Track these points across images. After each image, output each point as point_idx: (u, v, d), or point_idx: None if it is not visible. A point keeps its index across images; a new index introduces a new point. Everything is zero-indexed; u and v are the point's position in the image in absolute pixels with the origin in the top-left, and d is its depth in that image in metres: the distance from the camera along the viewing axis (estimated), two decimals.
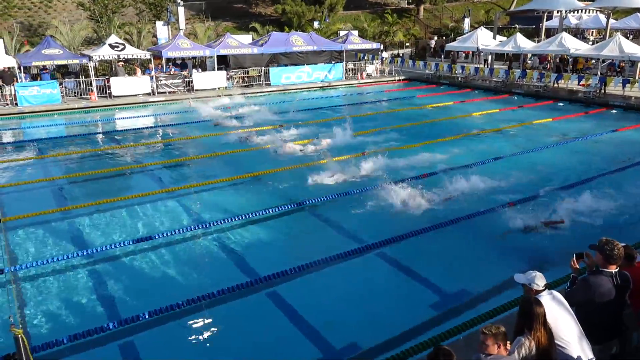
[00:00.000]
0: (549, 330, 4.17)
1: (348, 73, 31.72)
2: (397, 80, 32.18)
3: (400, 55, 38.73)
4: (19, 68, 22.93)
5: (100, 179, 12.95)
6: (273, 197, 11.38)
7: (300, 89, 29.11)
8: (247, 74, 28.79)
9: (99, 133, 18.17)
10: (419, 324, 6.76)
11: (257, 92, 27.77)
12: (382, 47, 35.08)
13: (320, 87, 29.86)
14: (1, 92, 22.55)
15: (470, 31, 35.94)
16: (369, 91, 28.80)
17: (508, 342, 4.04)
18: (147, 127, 19.24)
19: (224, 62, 28.25)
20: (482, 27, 33.37)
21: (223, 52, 27.29)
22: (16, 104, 22.24)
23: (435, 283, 7.78)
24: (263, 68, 28.73)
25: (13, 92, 22.29)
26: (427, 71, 31.02)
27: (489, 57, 32.58)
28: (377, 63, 32.78)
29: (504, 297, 6.97)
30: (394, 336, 6.48)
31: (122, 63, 26.91)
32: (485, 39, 31.20)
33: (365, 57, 32.16)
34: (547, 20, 36.03)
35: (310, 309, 7.11)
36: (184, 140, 17.04)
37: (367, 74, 32.45)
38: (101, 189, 12.15)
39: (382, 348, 6.18)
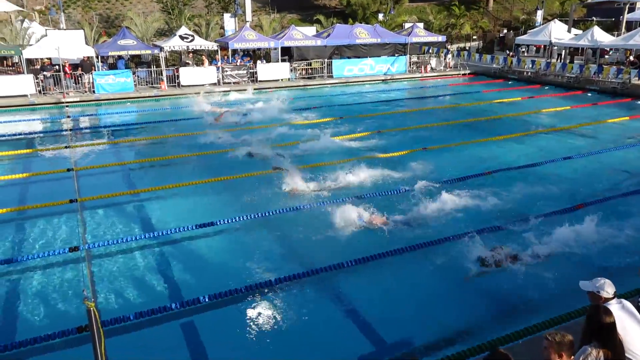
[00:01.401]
0: (618, 340, 3.95)
1: (411, 66, 31.20)
2: (462, 74, 31.31)
3: (467, 48, 37.61)
4: (97, 57, 24.25)
5: (168, 165, 13.48)
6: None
7: (362, 81, 28.97)
8: (310, 65, 28.96)
9: (168, 121, 18.89)
10: (477, 326, 6.59)
11: (319, 84, 27.92)
12: (447, 40, 34.21)
13: (383, 80, 29.57)
14: (81, 80, 23.95)
15: (542, 24, 34.30)
16: (432, 85, 28.23)
17: (573, 351, 3.86)
18: (213, 115, 19.77)
19: (287, 53, 28.58)
20: (556, 19, 31.76)
21: (287, 44, 27.60)
22: (93, 91, 23.57)
23: (499, 284, 7.51)
24: (326, 60, 28.80)
25: (91, 81, 23.63)
26: (494, 65, 29.95)
27: (563, 51, 31.00)
28: (445, 56, 31.99)
29: (570, 305, 6.66)
30: (450, 336, 6.37)
31: (191, 54, 27.86)
32: (558, 32, 29.68)
33: (430, 50, 31.49)
34: (628, 12, 33.71)
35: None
36: (246, 129, 17.41)
37: (431, 68, 31.79)
38: (169, 174, 12.63)
39: (438, 347, 6.09)
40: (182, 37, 25.62)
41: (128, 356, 5.97)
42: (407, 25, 33.90)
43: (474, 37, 41.42)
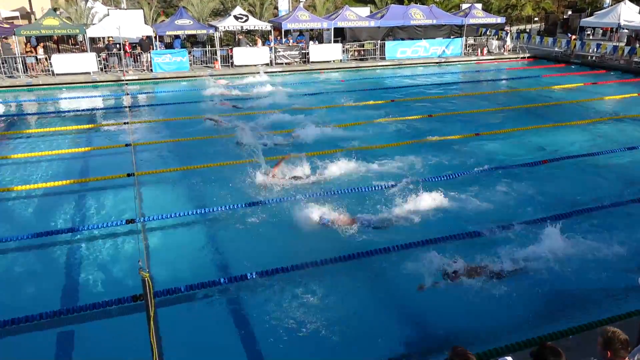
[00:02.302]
0: None
1: (467, 49, 30.26)
2: (522, 57, 30.08)
3: (527, 30, 36.03)
4: (155, 37, 24.92)
5: (220, 143, 13.73)
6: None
7: (416, 64, 28.39)
8: (363, 47, 28.63)
9: (220, 99, 19.23)
10: (526, 319, 6.43)
11: (371, 66, 27.60)
12: (507, 22, 32.87)
13: (437, 62, 28.86)
14: (139, 58, 24.72)
15: (611, 5, 32.31)
16: (488, 68, 27.30)
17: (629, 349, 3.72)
18: (265, 96, 19.96)
19: (340, 34, 28.34)
20: (626, 0, 29.82)
21: (340, 24, 27.36)
22: (151, 70, 24.30)
23: (554, 278, 7.26)
24: (379, 41, 28.38)
25: (149, 59, 24.35)
26: (556, 49, 28.58)
27: (633, 34, 29.14)
28: (503, 39, 30.81)
29: (627, 303, 6.39)
30: (497, 329, 6.27)
31: (243, 34, 28.13)
32: (628, 14, 27.88)
33: (488, 32, 30.40)
34: None
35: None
36: (295, 109, 17.49)
37: (488, 51, 30.71)
38: (219, 152, 12.90)
39: (485, 339, 5.99)
40: (236, 17, 25.89)
41: (177, 326, 6.23)
42: (464, 5, 32.78)
43: (536, 18, 39.57)
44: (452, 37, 29.90)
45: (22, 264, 7.79)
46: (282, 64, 26.51)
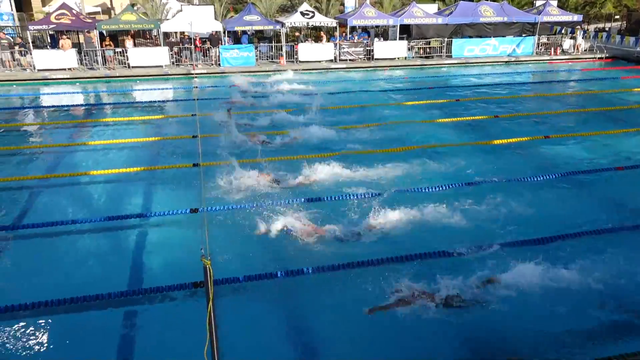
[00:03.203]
0: None
1: (539, 48, 28.99)
2: (599, 57, 28.45)
3: (607, 29, 33.99)
4: (224, 32, 25.66)
5: (281, 137, 13.97)
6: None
7: (483, 62, 27.56)
8: (429, 44, 28.12)
9: (283, 94, 19.53)
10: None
11: (436, 64, 27.07)
12: (584, 20, 31.16)
13: (506, 61, 27.86)
14: (208, 53, 25.56)
15: None
16: (562, 69, 26.06)
17: None
18: (334, 93, 20.05)
19: (406, 31, 27.98)
20: None
21: (407, 21, 27.00)
22: (219, 64, 25.07)
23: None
24: (446, 39, 27.77)
25: (217, 54, 25.13)
26: (638, 49, 26.79)
27: None
28: (579, 38, 29.27)
29: None
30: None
31: (298, 31, 28.37)
32: None
33: (563, 31, 28.96)
34: None
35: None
36: (355, 107, 17.48)
37: (563, 50, 29.28)
38: (277, 147, 13.14)
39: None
40: (303, 14, 26.17)
41: (234, 315, 6.42)
42: (538, 2, 31.40)
43: (617, 16, 37.24)
44: (523, 35, 28.75)
45: (94, 245, 8.29)
46: (346, 60, 26.54)
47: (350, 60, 26.64)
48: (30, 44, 23.80)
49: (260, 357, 5.89)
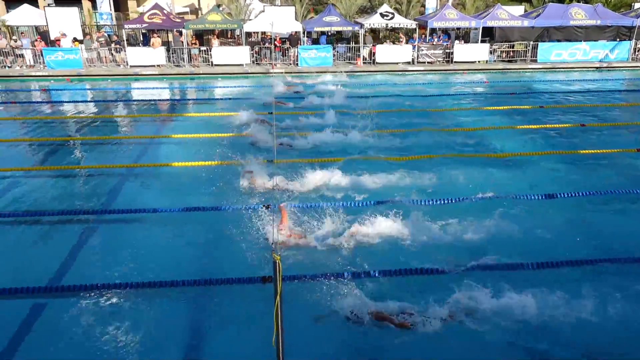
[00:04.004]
0: None
1: (636, 53, 26.97)
2: None
3: None
4: (303, 32, 26.10)
5: (356, 137, 13.96)
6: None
7: (571, 68, 26.08)
8: (512, 47, 27.04)
9: (355, 97, 19.57)
10: None
11: (520, 68, 25.96)
12: None
13: (597, 67, 26.18)
14: (287, 53, 26.12)
15: None
16: None
17: None
18: (408, 95, 19.88)
19: (489, 34, 27.08)
20: None
21: (490, 23, 26.13)
22: (297, 64, 25.54)
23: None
24: (531, 42, 26.56)
25: (296, 54, 25.62)
26: None
27: None
28: None
29: None
30: None
31: (367, 32, 28.19)
32: None
33: None
34: None
35: None
36: (427, 110, 17.17)
37: None
38: (358, 146, 13.16)
39: None
40: (382, 15, 26.05)
41: (300, 312, 6.48)
42: (637, 5, 29.25)
43: None
44: (618, 39, 26.89)
45: (170, 233, 8.67)
46: (424, 62, 26.11)
47: (428, 62, 26.18)
48: (125, 42, 25.48)
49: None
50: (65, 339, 6.02)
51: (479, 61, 26.35)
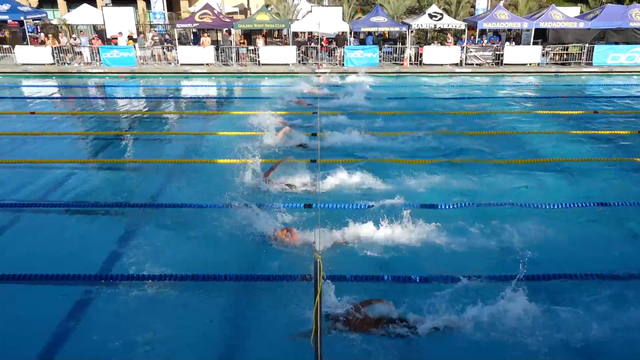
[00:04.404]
0: None
1: None
2: None
3: None
4: (350, 33, 26.09)
5: (400, 138, 13.86)
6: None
7: (630, 72, 24.92)
8: (566, 50, 26.09)
9: (403, 98, 19.41)
10: None
11: (573, 72, 25.02)
12: None
13: None
14: (333, 53, 26.19)
15: None
16: None
17: None
18: (454, 98, 19.60)
19: (541, 35, 26.24)
20: None
21: (543, 25, 25.32)
22: (342, 64, 25.57)
23: None
24: (587, 45, 25.55)
25: (342, 54, 25.65)
26: None
27: None
28: None
29: None
30: None
31: (410, 33, 27.80)
32: None
33: None
34: None
35: None
36: (476, 114, 16.81)
37: None
38: (401, 147, 13.03)
39: None
40: (430, 16, 25.70)
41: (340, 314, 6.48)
42: None
43: None
44: None
45: (213, 229, 8.78)
46: (472, 64, 25.60)
47: (477, 64, 25.64)
48: (176, 41, 26.23)
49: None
50: (109, 329, 6.26)
51: (530, 64, 25.58)
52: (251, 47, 26.30)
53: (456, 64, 25.64)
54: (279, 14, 29.46)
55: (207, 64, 25.49)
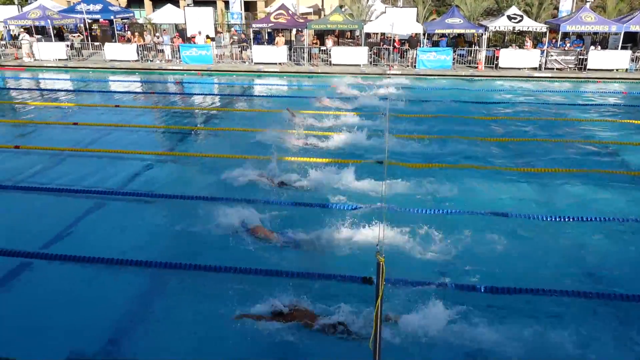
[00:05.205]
0: None
1: None
2: None
3: None
4: (424, 34, 25.66)
5: (475, 145, 13.47)
6: None
7: None
8: None
9: (479, 103, 18.85)
10: None
11: None
12: None
13: None
14: (405, 55, 25.86)
15: None
16: None
17: None
18: (527, 103, 18.81)
19: (631, 40, 24.56)
20: None
21: (633, 28, 23.66)
22: (414, 66, 25.20)
23: None
24: None
25: (414, 56, 25.27)
26: None
27: None
28: None
29: None
30: None
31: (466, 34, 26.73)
32: None
33: None
34: None
35: None
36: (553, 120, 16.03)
37: None
38: (476, 154, 12.67)
39: None
40: (509, 17, 24.75)
41: (400, 318, 6.38)
42: None
43: None
44: None
45: (281, 225, 8.96)
46: (552, 69, 24.38)
47: (557, 69, 24.39)
48: (251, 40, 26.96)
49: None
50: (183, 317, 6.53)
51: (617, 69, 23.98)
52: (323, 48, 26.52)
53: (535, 68, 24.53)
54: (352, 15, 29.50)
55: (280, 64, 25.99)
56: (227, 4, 33.38)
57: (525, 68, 24.55)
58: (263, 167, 11.08)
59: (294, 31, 28.05)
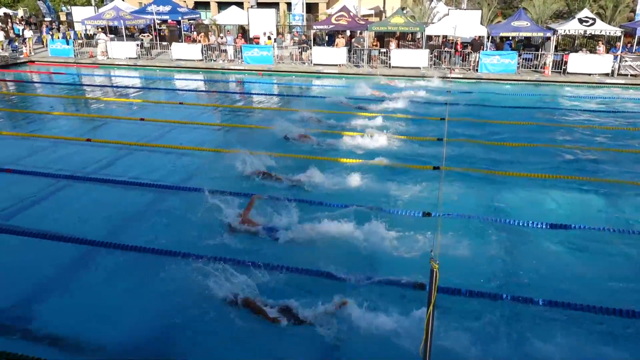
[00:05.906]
0: None
1: None
2: None
3: None
4: (487, 37, 24.97)
5: (530, 153, 13.01)
6: None
7: None
8: None
9: (545, 108, 18.15)
10: None
11: None
12: None
13: None
14: (468, 58, 25.25)
15: None
16: None
17: None
18: (599, 111, 17.95)
19: None
20: None
21: None
22: (476, 70, 24.56)
23: None
24: None
25: (477, 59, 24.63)
26: None
27: None
28: None
29: None
30: None
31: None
32: None
33: None
34: None
35: None
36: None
37: None
38: (532, 162, 12.25)
39: None
40: (581, 20, 23.65)
41: (450, 326, 6.25)
42: None
43: None
44: None
45: (332, 228, 8.81)
46: (626, 75, 23.09)
47: (632, 75, 23.06)
48: (312, 41, 27.21)
49: None
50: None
51: None
52: (383, 50, 26.36)
53: (606, 74, 23.30)
54: (414, 17, 29.16)
55: (339, 65, 26.08)
56: (289, 5, 33.87)
57: (595, 74, 23.37)
58: (322, 169, 11.06)
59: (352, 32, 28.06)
